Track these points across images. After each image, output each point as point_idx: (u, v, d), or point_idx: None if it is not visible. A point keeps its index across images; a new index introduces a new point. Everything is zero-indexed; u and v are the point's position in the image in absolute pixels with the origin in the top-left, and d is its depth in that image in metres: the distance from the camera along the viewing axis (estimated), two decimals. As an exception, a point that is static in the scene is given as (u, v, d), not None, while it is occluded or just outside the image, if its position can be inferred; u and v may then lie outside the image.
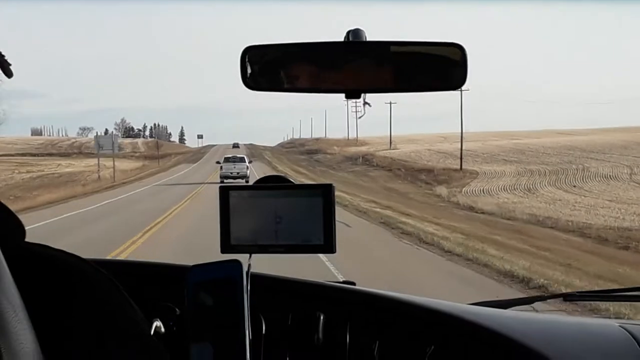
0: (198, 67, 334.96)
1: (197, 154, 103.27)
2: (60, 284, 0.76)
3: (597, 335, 1.40)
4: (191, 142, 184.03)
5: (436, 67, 1.30)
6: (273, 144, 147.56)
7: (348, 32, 1.24)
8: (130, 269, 1.55)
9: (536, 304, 1.77)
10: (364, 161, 66.47)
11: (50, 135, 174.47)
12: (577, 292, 1.92)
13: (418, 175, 52.86)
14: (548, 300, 1.89)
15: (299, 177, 43.03)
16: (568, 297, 1.86)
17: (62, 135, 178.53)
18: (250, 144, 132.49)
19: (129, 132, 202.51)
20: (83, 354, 0.73)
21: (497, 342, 1.29)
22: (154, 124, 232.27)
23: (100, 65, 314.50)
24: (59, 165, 79.03)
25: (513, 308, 1.62)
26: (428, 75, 1.30)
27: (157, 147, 64.85)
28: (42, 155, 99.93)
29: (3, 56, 0.81)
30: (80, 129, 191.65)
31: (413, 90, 1.34)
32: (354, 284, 1.53)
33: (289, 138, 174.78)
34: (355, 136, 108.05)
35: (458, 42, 1.26)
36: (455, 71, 1.27)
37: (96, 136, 54.81)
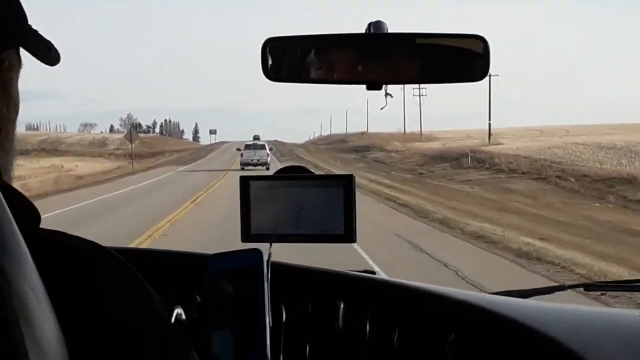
0: (216, 66, 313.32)
1: (201, 152, 77.93)
2: (78, 271, 0.75)
3: (618, 325, 1.38)
4: (206, 140, 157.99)
5: (458, 59, 1.28)
6: (300, 141, 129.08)
7: (369, 24, 1.23)
8: (151, 257, 1.54)
9: (557, 294, 1.71)
10: (476, 162, 39.24)
11: (47, 132, 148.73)
12: (599, 282, 2.02)
13: (619, 191, 27.10)
14: (569, 290, 1.84)
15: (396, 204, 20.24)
16: (589, 287, 1.84)
17: (60, 131, 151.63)
18: (275, 141, 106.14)
19: (136, 129, 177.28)
20: (101, 341, 0.73)
21: (518, 332, 1.27)
22: (165, 120, 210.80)
23: (117, 66, 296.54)
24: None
25: (534, 297, 1.59)
26: (450, 67, 1.29)
27: (131, 141, 37.51)
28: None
29: (51, 43, 0.81)
30: (81, 125, 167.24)
31: (434, 82, 1.34)
32: (374, 273, 1.53)
33: (316, 135, 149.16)
34: (419, 129, 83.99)
35: (481, 34, 1.25)
36: (478, 63, 1.25)
37: None
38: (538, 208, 22.79)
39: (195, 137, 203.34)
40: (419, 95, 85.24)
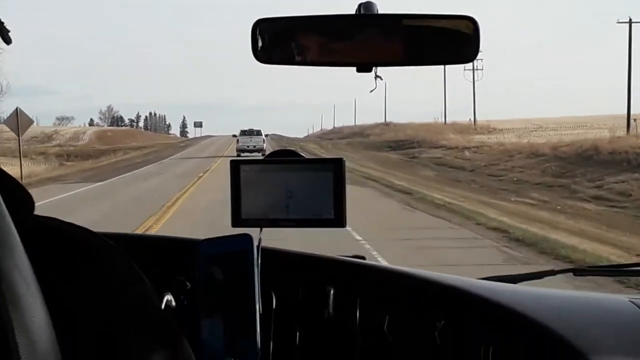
0: (206, 58, 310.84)
1: (167, 150, 56.00)
2: (69, 257, 0.76)
3: (607, 310, 1.39)
4: (193, 134, 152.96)
5: (448, 40, 1.29)
6: (299, 135, 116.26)
7: (359, 5, 1.23)
8: (141, 243, 1.56)
9: (546, 279, 1.72)
10: None
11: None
12: (588, 266, 2.05)
13: None
14: (558, 275, 1.84)
15: None
16: (578, 272, 1.86)
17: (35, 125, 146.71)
18: (274, 134, 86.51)
19: (117, 123, 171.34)
20: (91, 327, 0.73)
21: (507, 317, 1.28)
22: (150, 113, 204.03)
23: (107, 62, 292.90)
24: None
25: (523, 283, 1.60)
26: (440, 48, 1.29)
27: (18, 133, 22.58)
28: None
29: (2, 23, 0.81)
30: (57, 118, 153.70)
31: (425, 64, 1.33)
32: (364, 258, 1.52)
33: (317, 129, 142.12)
34: (473, 118, 61.47)
35: (471, 14, 1.25)
36: (468, 44, 1.26)
37: None
38: None
39: (183, 131, 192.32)
40: (473, 69, 61.03)
